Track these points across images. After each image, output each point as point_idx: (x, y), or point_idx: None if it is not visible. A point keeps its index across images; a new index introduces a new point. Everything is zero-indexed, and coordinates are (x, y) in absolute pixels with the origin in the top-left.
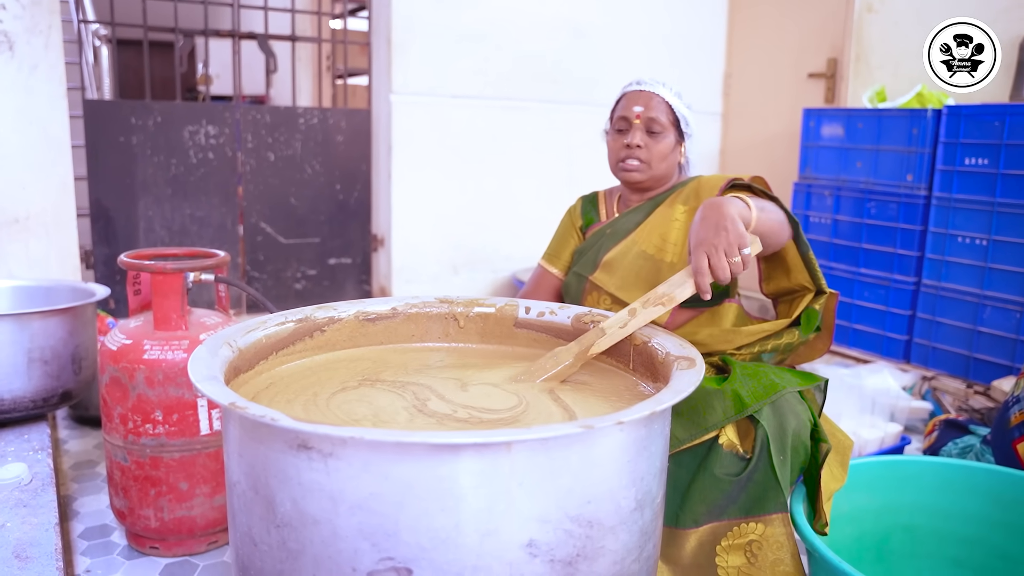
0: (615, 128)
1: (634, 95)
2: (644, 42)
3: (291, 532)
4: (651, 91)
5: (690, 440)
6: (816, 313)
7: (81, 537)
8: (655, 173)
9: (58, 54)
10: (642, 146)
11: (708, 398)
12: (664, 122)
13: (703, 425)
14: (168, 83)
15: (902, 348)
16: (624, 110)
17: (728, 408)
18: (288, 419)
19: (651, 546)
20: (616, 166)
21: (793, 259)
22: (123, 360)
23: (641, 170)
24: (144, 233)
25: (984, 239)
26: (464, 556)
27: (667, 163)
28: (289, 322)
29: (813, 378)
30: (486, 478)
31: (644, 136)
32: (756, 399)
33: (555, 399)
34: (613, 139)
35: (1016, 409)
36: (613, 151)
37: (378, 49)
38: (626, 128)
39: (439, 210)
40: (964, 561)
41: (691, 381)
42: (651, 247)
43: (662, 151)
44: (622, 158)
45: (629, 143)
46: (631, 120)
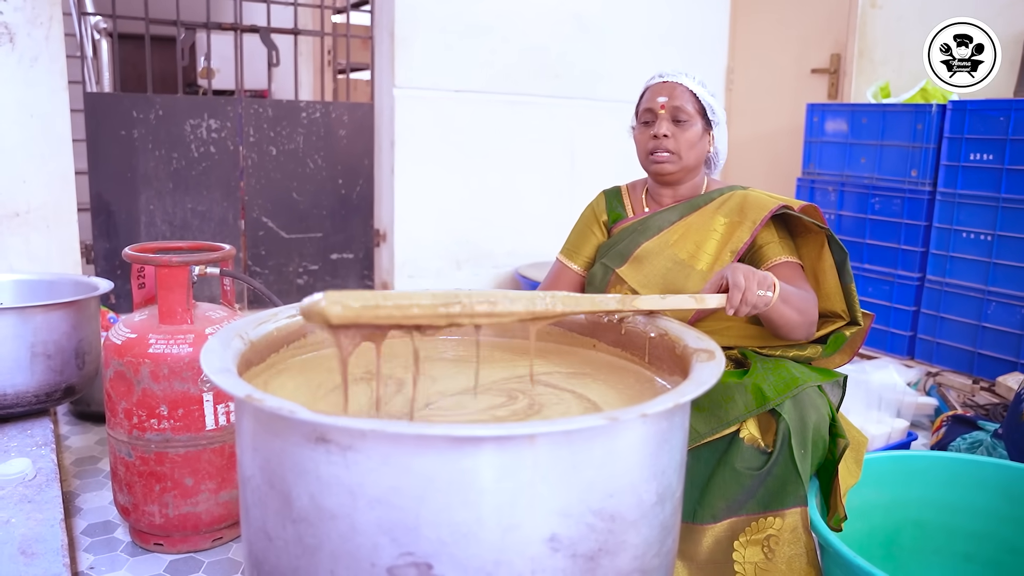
0: (641, 121)
1: (657, 87)
2: (647, 37)
3: (308, 527)
4: (674, 81)
5: (711, 434)
6: (844, 337)
7: (84, 534)
8: (685, 163)
9: (59, 46)
10: (669, 135)
11: (729, 391)
12: (690, 111)
13: (724, 419)
14: (169, 77)
15: (907, 344)
16: (648, 102)
17: (749, 402)
18: (307, 411)
19: (671, 541)
20: (646, 159)
21: (833, 286)
22: (128, 354)
23: (672, 160)
24: (145, 227)
25: (989, 235)
26: (485, 551)
27: (696, 152)
28: (300, 315)
29: (832, 374)
30: (508, 471)
31: (670, 126)
32: (778, 393)
33: (573, 393)
34: (640, 133)
35: None
36: (641, 144)
37: (381, 43)
38: (652, 120)
39: (442, 205)
40: (974, 556)
41: (713, 373)
42: (684, 252)
43: (690, 139)
44: (651, 150)
45: (656, 133)
46: (656, 111)
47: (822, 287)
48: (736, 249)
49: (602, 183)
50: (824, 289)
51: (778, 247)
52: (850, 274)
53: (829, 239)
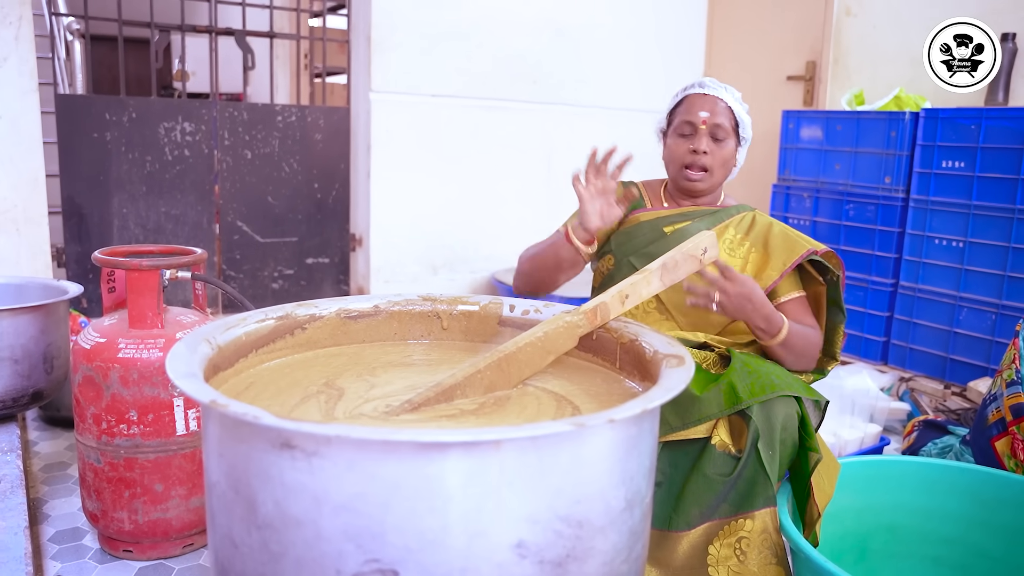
0: (677, 132)
1: (699, 99)
2: (623, 45)
3: (273, 533)
4: (716, 95)
5: (682, 428)
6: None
7: (51, 541)
8: (715, 180)
9: (29, 47)
10: (708, 152)
11: (705, 387)
12: (728, 128)
13: (696, 415)
14: (143, 80)
15: (880, 349)
16: (689, 114)
17: (721, 401)
18: (271, 417)
19: (640, 547)
20: (679, 171)
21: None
22: (97, 359)
23: (704, 179)
24: (118, 231)
25: (961, 241)
26: (452, 558)
27: (726, 169)
28: (270, 319)
29: (813, 392)
30: (475, 477)
31: (710, 142)
32: (751, 395)
33: (547, 393)
34: (675, 143)
35: (994, 407)
36: (677, 155)
37: (357, 47)
38: (691, 133)
39: (418, 210)
40: (945, 560)
41: (681, 379)
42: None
43: (725, 157)
44: (688, 164)
45: (696, 148)
46: (697, 125)
47: (819, 317)
48: (764, 288)
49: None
50: (819, 319)
51: (789, 283)
52: (840, 316)
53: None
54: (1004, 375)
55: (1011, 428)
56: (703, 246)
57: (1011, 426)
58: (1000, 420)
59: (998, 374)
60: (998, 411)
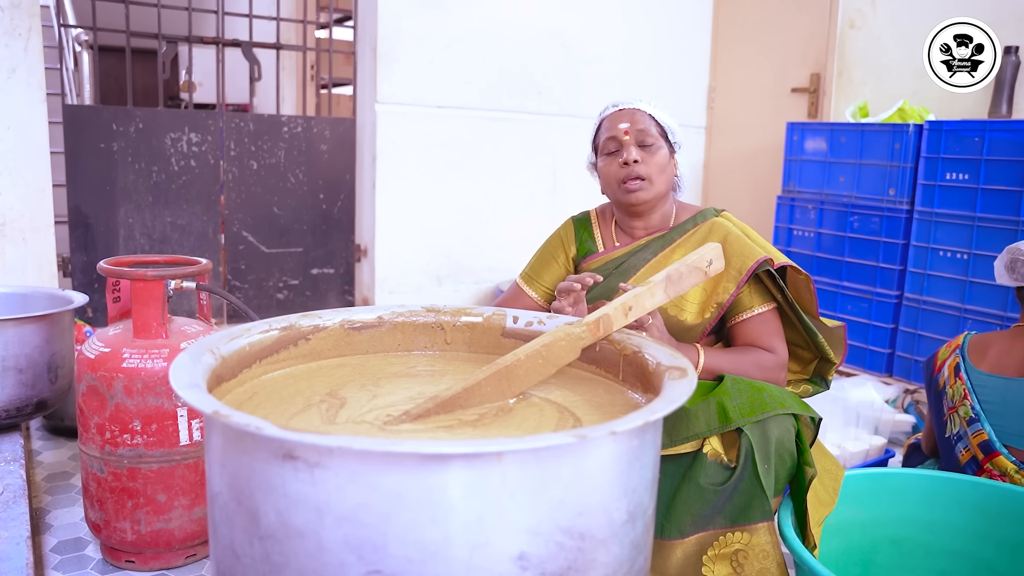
0: (604, 152)
1: (615, 115)
2: (628, 56)
3: (275, 544)
4: (632, 107)
5: (671, 445)
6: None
7: (54, 551)
8: (657, 189)
9: (38, 58)
10: (639, 161)
11: (694, 406)
12: (655, 134)
13: (684, 434)
14: (150, 91)
15: (885, 361)
16: (610, 131)
17: (712, 420)
18: (274, 427)
19: (642, 559)
20: (618, 189)
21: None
22: (101, 368)
23: (645, 188)
24: (124, 241)
25: (965, 253)
26: (454, 569)
27: (666, 177)
28: (273, 330)
29: (807, 408)
30: (476, 489)
31: (639, 151)
32: (742, 415)
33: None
34: (606, 164)
35: (961, 446)
36: (610, 175)
37: (363, 58)
38: (617, 148)
39: (423, 221)
40: (950, 573)
41: (684, 391)
42: (668, 304)
43: (660, 163)
44: (623, 178)
45: (626, 160)
46: (620, 138)
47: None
48: (722, 302)
49: (584, 200)
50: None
51: (750, 297)
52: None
53: (795, 313)
54: (960, 412)
55: (985, 466)
56: (708, 258)
57: (984, 464)
58: (972, 459)
59: (952, 411)
60: (967, 451)
